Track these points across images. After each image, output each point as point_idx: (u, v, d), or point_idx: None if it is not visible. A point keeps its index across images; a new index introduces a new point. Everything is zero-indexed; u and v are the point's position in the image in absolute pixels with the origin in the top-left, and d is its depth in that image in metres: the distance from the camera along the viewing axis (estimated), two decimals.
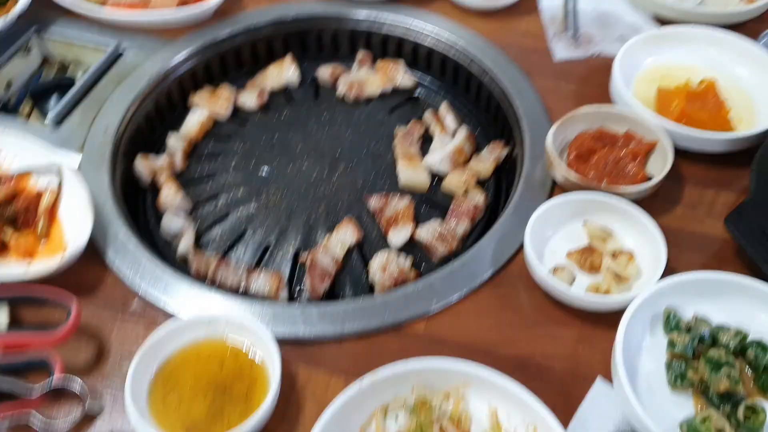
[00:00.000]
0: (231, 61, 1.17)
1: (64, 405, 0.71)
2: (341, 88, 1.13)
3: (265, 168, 1.03)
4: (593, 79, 1.05)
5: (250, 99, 1.12)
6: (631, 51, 1.01)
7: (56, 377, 0.70)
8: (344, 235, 0.93)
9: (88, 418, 0.69)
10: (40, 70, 1.18)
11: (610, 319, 0.75)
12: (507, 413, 0.68)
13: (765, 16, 1.10)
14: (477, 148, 1.06)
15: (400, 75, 1.15)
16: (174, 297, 0.81)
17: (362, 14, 1.17)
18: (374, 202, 0.97)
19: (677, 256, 0.82)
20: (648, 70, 1.03)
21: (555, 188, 0.91)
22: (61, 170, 0.91)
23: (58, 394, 0.71)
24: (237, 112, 1.12)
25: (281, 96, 1.15)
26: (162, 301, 0.81)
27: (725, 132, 0.92)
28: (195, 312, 0.79)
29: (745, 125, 0.95)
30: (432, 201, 0.99)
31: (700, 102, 0.93)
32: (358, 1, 1.18)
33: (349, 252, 0.93)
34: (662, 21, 1.11)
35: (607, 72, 1.02)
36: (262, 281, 0.88)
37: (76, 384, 0.70)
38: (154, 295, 0.81)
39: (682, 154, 0.92)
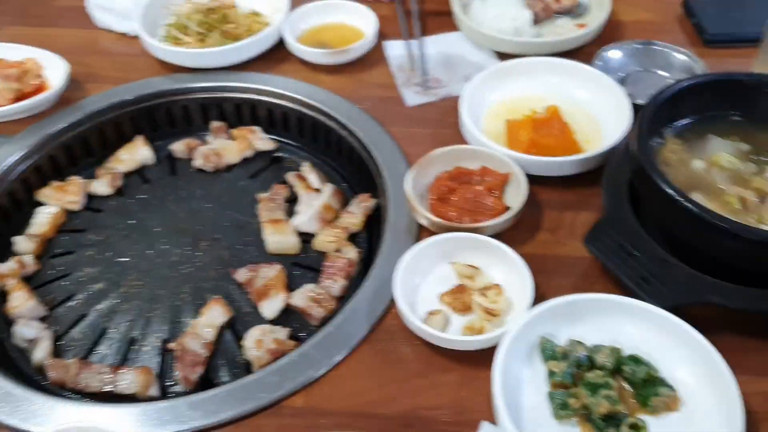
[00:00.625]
0: (79, 150, 1.11)
1: None
2: (198, 161, 1.10)
3: (124, 257, 0.98)
4: (446, 120, 1.06)
5: (102, 186, 1.07)
6: (476, 89, 1.03)
7: None
8: (213, 317, 0.88)
9: None
10: None
11: (488, 358, 0.74)
12: None
13: (597, 41, 1.15)
14: (346, 203, 1.05)
15: (258, 140, 1.12)
16: (27, 414, 0.74)
17: (210, 84, 1.14)
18: (242, 274, 0.93)
19: (546, 282, 0.83)
20: (495, 105, 1.05)
21: (421, 232, 0.91)
22: None
23: None
24: (91, 201, 1.06)
25: (137, 178, 1.10)
26: (12, 420, 0.73)
27: (574, 154, 0.94)
28: (49, 427, 0.72)
29: (593, 145, 0.98)
30: (304, 263, 0.97)
31: (547, 129, 0.96)
32: (203, 71, 1.15)
33: (221, 332, 0.88)
34: (504, 56, 1.15)
35: (456, 113, 1.04)
36: (129, 379, 0.81)
37: None
38: (2, 415, 0.74)
39: (537, 181, 0.94)
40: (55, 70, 1.15)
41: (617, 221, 0.83)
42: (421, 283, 0.84)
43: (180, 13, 1.21)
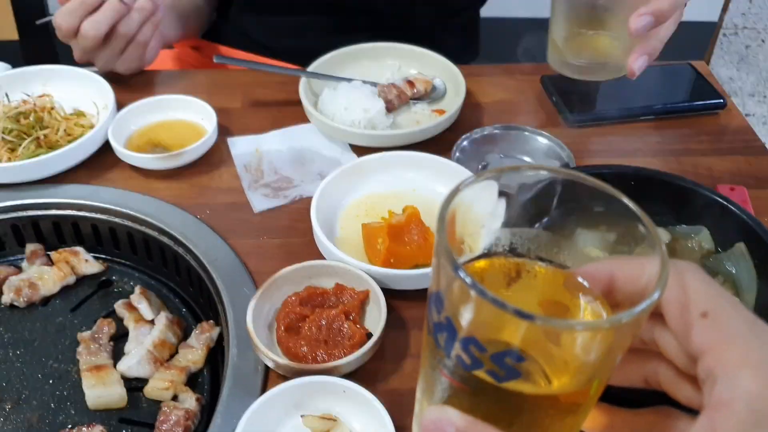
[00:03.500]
0: None
1: None
2: (8, 295, 0.92)
3: None
4: (297, 227, 0.94)
5: None
6: (329, 190, 0.93)
7: None
8: None
9: None
10: None
11: None
12: None
13: (456, 126, 1.08)
14: (187, 332, 0.90)
15: (82, 262, 0.96)
16: None
17: (22, 201, 0.98)
18: None
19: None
20: (350, 207, 0.95)
21: (270, 374, 0.77)
22: None
23: None
24: None
25: None
26: None
27: None
28: None
29: None
30: (134, 419, 0.81)
31: (405, 235, 0.86)
32: (14, 185, 0.99)
33: None
34: (360, 148, 1.05)
35: (309, 218, 0.93)
36: None
37: None
38: None
39: (400, 295, 0.83)
40: None
41: None
42: None
43: None
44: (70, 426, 0.78)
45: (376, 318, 0.80)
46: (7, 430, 0.79)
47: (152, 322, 0.90)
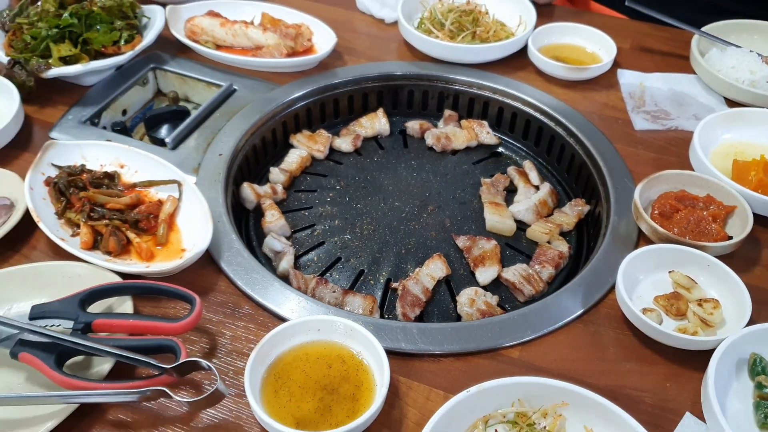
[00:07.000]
0: (329, 108, 1.27)
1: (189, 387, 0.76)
2: (429, 140, 1.22)
3: (359, 204, 1.11)
4: (671, 149, 1.12)
5: (345, 143, 1.21)
6: (709, 126, 1.09)
7: (185, 358, 0.75)
8: (434, 269, 0.99)
9: (213, 399, 0.73)
10: (152, 100, 1.29)
11: (696, 360, 0.80)
12: None
13: None
14: (558, 204, 1.13)
15: (484, 133, 1.23)
16: (282, 304, 0.87)
17: (452, 77, 1.27)
18: (462, 241, 1.03)
19: (757, 311, 0.87)
20: (723, 145, 1.10)
21: (640, 240, 0.97)
22: (181, 184, 0.99)
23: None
24: (332, 153, 1.21)
25: (373, 143, 1.24)
26: (272, 307, 0.87)
27: None
28: (304, 317, 0.84)
29: None
30: (516, 247, 1.06)
31: None
32: (446, 64, 1.28)
33: (437, 285, 0.98)
34: (733, 104, 1.19)
35: (683, 144, 1.10)
36: (357, 302, 0.93)
37: (205, 365, 0.74)
38: (265, 301, 0.87)
39: (757, 220, 0.98)
40: (321, 38, 1.31)
41: None
42: (639, 282, 0.90)
43: (435, 9, 1.34)
44: (471, 234, 1.05)
45: (736, 230, 0.95)
46: (430, 222, 1.08)
47: (536, 188, 1.14)
